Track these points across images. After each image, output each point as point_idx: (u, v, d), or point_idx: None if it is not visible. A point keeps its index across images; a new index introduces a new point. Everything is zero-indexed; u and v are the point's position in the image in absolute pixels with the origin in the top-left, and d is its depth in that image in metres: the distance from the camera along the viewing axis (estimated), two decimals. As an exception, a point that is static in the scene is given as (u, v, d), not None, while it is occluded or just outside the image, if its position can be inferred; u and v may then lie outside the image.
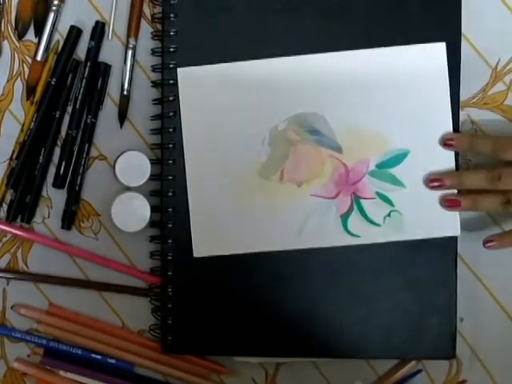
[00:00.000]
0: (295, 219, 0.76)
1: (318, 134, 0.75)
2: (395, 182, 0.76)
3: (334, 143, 0.76)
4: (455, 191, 0.75)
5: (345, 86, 0.75)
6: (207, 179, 0.76)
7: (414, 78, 0.75)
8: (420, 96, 0.75)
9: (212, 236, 0.76)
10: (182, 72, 0.75)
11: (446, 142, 0.75)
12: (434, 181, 0.75)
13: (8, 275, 0.79)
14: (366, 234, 0.76)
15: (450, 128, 0.75)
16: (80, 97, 0.77)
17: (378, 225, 0.76)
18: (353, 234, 0.76)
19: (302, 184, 0.76)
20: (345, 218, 0.76)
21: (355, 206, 0.76)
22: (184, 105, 0.75)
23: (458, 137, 0.75)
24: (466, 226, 0.77)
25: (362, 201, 0.76)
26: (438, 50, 0.75)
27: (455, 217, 0.76)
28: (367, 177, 0.76)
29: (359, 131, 0.74)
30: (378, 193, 0.76)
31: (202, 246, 0.76)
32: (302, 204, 0.76)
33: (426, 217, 0.76)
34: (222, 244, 0.76)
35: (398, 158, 0.76)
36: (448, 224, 0.76)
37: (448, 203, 0.75)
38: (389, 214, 0.76)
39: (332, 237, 0.76)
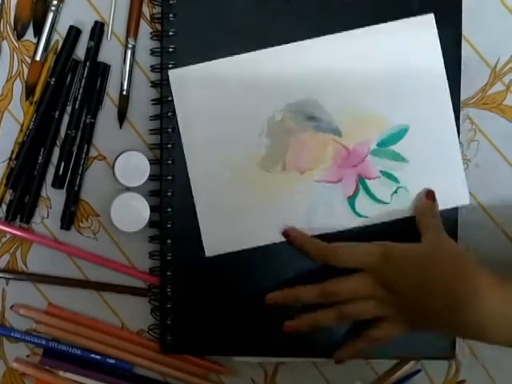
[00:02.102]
0: (302, 207, 0.76)
1: (316, 120, 0.75)
2: (398, 158, 0.76)
3: (333, 127, 0.75)
4: None
5: (337, 68, 0.75)
6: (210, 177, 0.76)
7: (407, 53, 0.74)
8: (415, 70, 0.75)
9: (222, 234, 0.76)
10: (172, 73, 0.75)
11: (283, 233, 0.76)
12: (269, 299, 0.75)
13: (7, 275, 0.79)
14: (374, 214, 0.76)
15: (448, 98, 0.75)
16: (79, 97, 0.77)
17: (385, 203, 0.76)
18: (361, 215, 0.76)
19: (305, 171, 0.76)
20: (352, 199, 0.76)
21: (361, 187, 0.76)
22: (179, 105, 0.75)
23: (294, 234, 0.75)
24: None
25: (367, 181, 0.76)
26: (427, 21, 0.74)
27: (463, 185, 0.76)
28: (370, 156, 0.76)
29: (357, 112, 0.74)
30: (382, 171, 0.76)
31: (213, 244, 0.76)
32: (307, 191, 0.76)
33: (433, 189, 0.75)
34: (233, 240, 0.76)
35: (399, 134, 0.75)
36: (457, 193, 0.76)
37: (286, 329, 0.75)
38: (396, 191, 0.76)
39: (341, 220, 0.76)
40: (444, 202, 0.76)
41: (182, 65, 0.76)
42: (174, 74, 0.75)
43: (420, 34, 0.74)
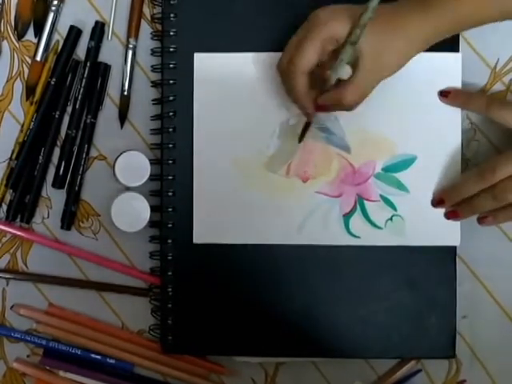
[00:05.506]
0: (298, 214, 0.76)
1: (329, 132, 0.75)
2: (400, 186, 0.76)
3: (344, 143, 0.76)
4: None
5: None
6: (214, 167, 0.76)
7: (428, 86, 0.74)
8: (432, 104, 0.75)
9: (213, 224, 0.76)
10: (198, 57, 0.75)
11: (443, 94, 0.75)
12: (439, 202, 0.76)
13: (7, 275, 0.79)
14: (367, 236, 0.76)
15: (459, 138, 0.76)
16: (80, 97, 0.77)
17: (379, 228, 0.76)
18: (353, 235, 0.76)
19: (307, 180, 0.76)
20: (347, 217, 0.76)
21: (358, 207, 0.76)
22: (198, 90, 0.76)
23: (456, 91, 0.75)
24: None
25: (365, 202, 0.76)
26: (455, 59, 0.75)
27: (456, 226, 0.76)
28: (373, 179, 0.76)
29: (369, 133, 0.74)
30: (382, 196, 0.76)
31: (203, 232, 0.76)
32: (305, 200, 0.76)
33: (427, 224, 0.76)
34: (222, 233, 0.76)
35: (405, 163, 0.76)
36: (449, 233, 0.76)
37: (449, 215, 0.76)
38: (391, 218, 0.76)
39: (332, 235, 0.76)
40: (435, 239, 0.76)
41: (182, 65, 0.76)
42: (199, 58, 0.75)
43: (445, 70, 0.74)
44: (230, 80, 0.76)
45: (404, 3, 0.68)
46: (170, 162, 0.76)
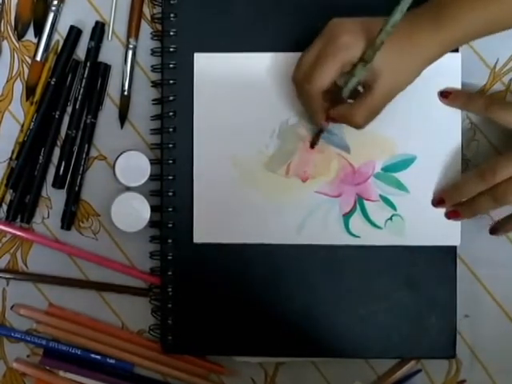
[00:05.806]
0: (297, 214, 0.76)
1: (328, 132, 0.75)
2: (400, 186, 0.76)
3: (343, 142, 0.76)
4: None
5: None
6: (214, 167, 0.76)
7: (428, 85, 0.74)
8: (432, 104, 0.75)
9: (213, 223, 0.76)
10: (198, 57, 0.75)
11: (443, 94, 0.75)
12: (439, 202, 0.75)
13: (8, 275, 0.79)
14: (366, 236, 0.76)
15: (459, 138, 0.76)
16: (80, 97, 0.77)
17: (379, 227, 0.76)
18: (353, 235, 0.76)
19: (307, 180, 0.76)
20: (347, 217, 0.76)
21: (358, 207, 0.76)
22: (198, 90, 0.76)
23: (456, 92, 0.75)
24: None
25: (365, 202, 0.76)
26: (454, 59, 0.75)
27: (457, 226, 0.76)
28: (372, 179, 0.76)
29: (369, 133, 0.74)
30: (381, 196, 0.76)
31: (203, 232, 0.76)
32: (305, 200, 0.76)
33: (427, 224, 0.76)
34: (222, 232, 0.76)
35: (405, 163, 0.76)
36: (449, 233, 0.76)
37: (450, 215, 0.76)
38: (390, 218, 0.76)
39: (332, 235, 0.76)
40: (435, 239, 0.76)
41: (182, 65, 0.76)
42: (199, 58, 0.75)
43: (445, 70, 0.74)
44: (230, 80, 0.76)
45: (416, 17, 0.68)
46: (170, 161, 0.76)
